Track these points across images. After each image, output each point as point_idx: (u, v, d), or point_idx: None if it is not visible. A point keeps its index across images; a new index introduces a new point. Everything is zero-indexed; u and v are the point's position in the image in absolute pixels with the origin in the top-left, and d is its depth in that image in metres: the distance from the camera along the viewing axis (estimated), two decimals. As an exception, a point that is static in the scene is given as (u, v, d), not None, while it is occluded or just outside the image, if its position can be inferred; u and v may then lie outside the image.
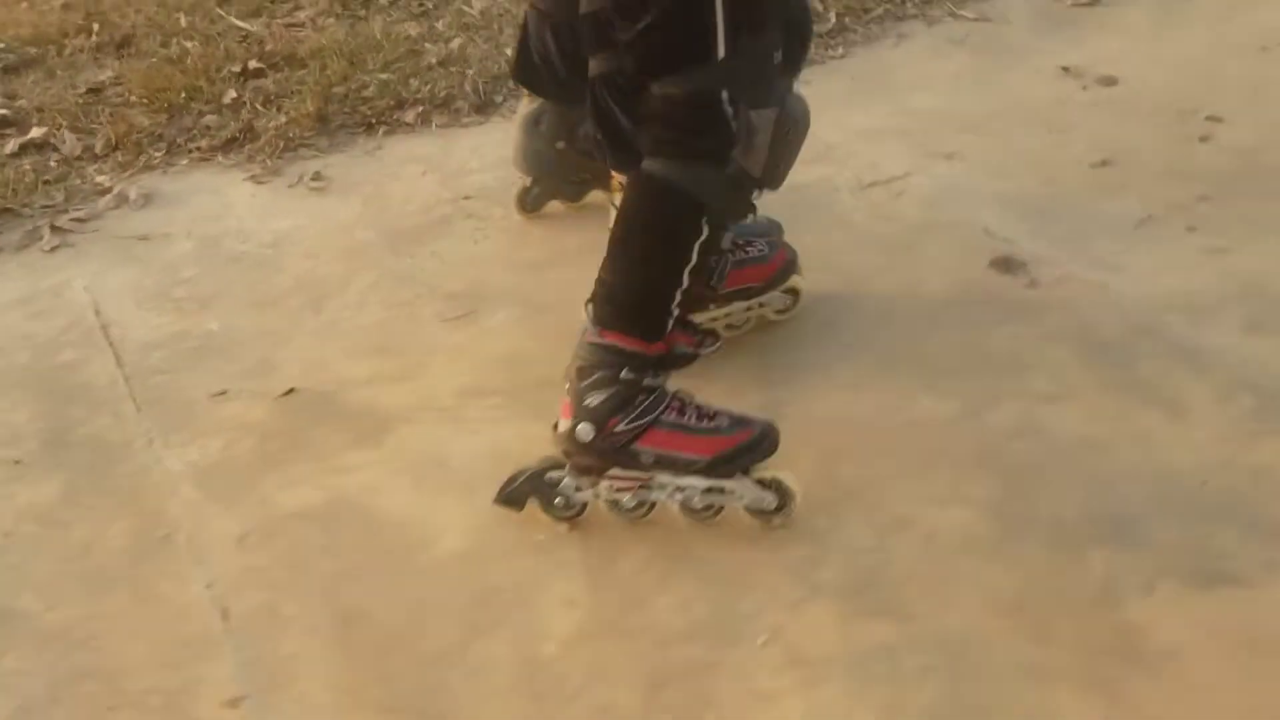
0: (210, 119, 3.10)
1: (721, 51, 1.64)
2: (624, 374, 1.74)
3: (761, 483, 1.77)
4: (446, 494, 1.90)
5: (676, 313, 1.77)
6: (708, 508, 1.79)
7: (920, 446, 1.95)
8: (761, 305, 2.20)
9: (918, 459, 1.92)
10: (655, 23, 1.66)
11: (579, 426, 1.74)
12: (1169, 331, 2.16)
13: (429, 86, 3.17)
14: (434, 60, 3.30)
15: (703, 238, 1.73)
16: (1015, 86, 3.07)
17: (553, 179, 2.52)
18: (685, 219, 1.72)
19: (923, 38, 3.33)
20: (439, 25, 3.53)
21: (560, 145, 2.39)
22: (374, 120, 3.06)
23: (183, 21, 3.61)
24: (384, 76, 3.22)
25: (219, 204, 2.78)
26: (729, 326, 2.18)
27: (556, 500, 1.80)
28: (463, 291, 2.40)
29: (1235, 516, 1.77)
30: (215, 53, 3.39)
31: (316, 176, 2.85)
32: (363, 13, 3.65)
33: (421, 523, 1.86)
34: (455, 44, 3.40)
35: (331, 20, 3.60)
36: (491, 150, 2.91)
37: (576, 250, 2.49)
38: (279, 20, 3.64)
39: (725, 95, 1.66)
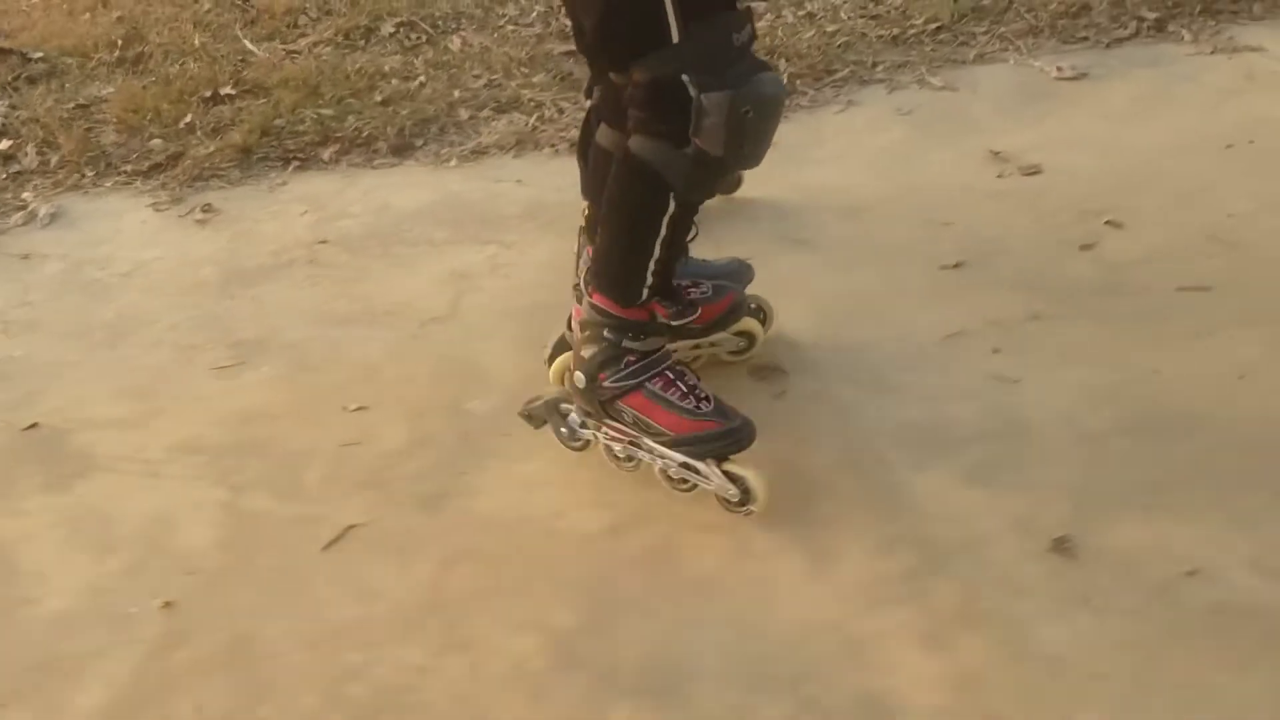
0: (155, 142, 3.27)
1: (676, 36, 1.71)
2: (606, 333, 1.91)
3: (729, 474, 1.86)
4: (83, 553, 1.97)
5: (652, 281, 1.90)
6: (682, 480, 1.91)
7: (540, 561, 1.87)
8: (712, 345, 2.22)
9: (524, 574, 1.84)
10: (608, 11, 1.76)
11: (576, 374, 1.95)
12: (882, 466, 1.98)
13: (361, 124, 3.24)
14: (380, 98, 3.37)
15: (669, 213, 1.85)
16: (930, 168, 2.86)
17: None
18: (653, 194, 1.84)
19: (873, 106, 3.15)
20: (417, 62, 3.60)
21: None
22: (293, 155, 3.16)
23: (197, 41, 3.81)
24: (325, 111, 3.31)
25: (110, 229, 2.94)
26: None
27: (563, 430, 2.01)
28: (249, 340, 2.46)
29: (796, 692, 1.62)
30: (202, 75, 3.56)
31: (207, 208, 2.97)
32: (361, 43, 3.76)
33: (40, 578, 1.92)
34: (414, 83, 3.46)
35: (328, 49, 3.72)
36: (382, 194, 2.96)
37: (385, 310, 2.53)
38: (283, 46, 3.79)
39: (687, 78, 1.72)
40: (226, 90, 3.48)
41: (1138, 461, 1.94)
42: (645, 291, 1.91)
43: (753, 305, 2.26)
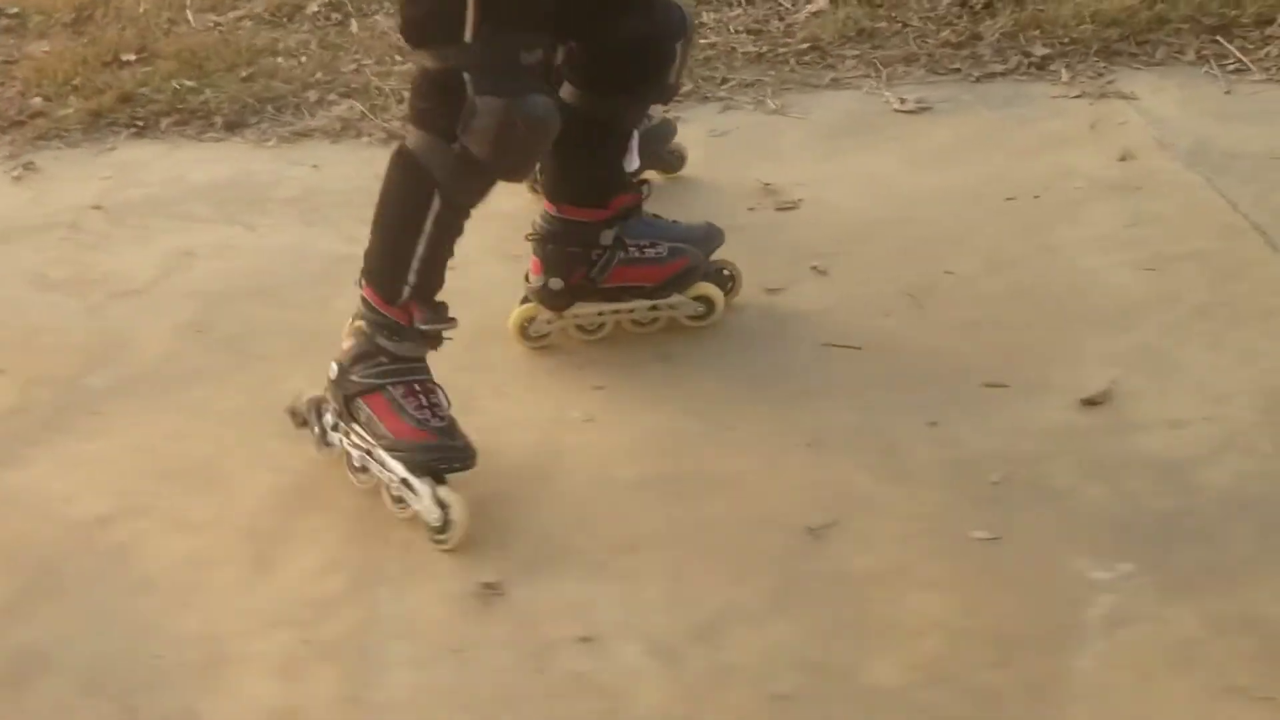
0: (35, 100, 3.46)
1: (468, 36, 1.75)
2: (365, 327, 1.92)
3: (439, 499, 1.82)
4: None
5: (414, 280, 1.89)
6: (400, 501, 1.88)
7: (13, 538, 1.92)
8: (672, 308, 2.25)
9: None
10: None
11: (332, 363, 1.94)
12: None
13: (210, 98, 3.34)
14: (245, 74, 3.47)
15: (434, 210, 1.85)
16: (691, 193, 2.76)
17: None
18: (418, 189, 1.85)
19: (692, 125, 3.03)
20: (313, 42, 3.68)
21: None
22: (135, 122, 3.29)
23: (141, 8, 3.99)
24: (187, 83, 3.43)
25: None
26: (634, 323, 2.26)
27: (315, 429, 2.00)
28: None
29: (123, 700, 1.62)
30: (123, 41, 3.74)
31: (28, 166, 3.14)
32: (284, 21, 3.87)
33: None
34: (291, 61, 3.54)
35: (249, 24, 3.85)
36: (185, 167, 3.07)
37: (90, 279, 2.63)
38: (214, 17, 3.93)
39: (468, 77, 1.77)
40: (128, 56, 3.64)
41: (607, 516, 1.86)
42: (406, 290, 1.90)
43: (724, 271, 2.31)
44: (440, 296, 1.94)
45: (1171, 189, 2.63)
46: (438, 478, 1.85)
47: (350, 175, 2.92)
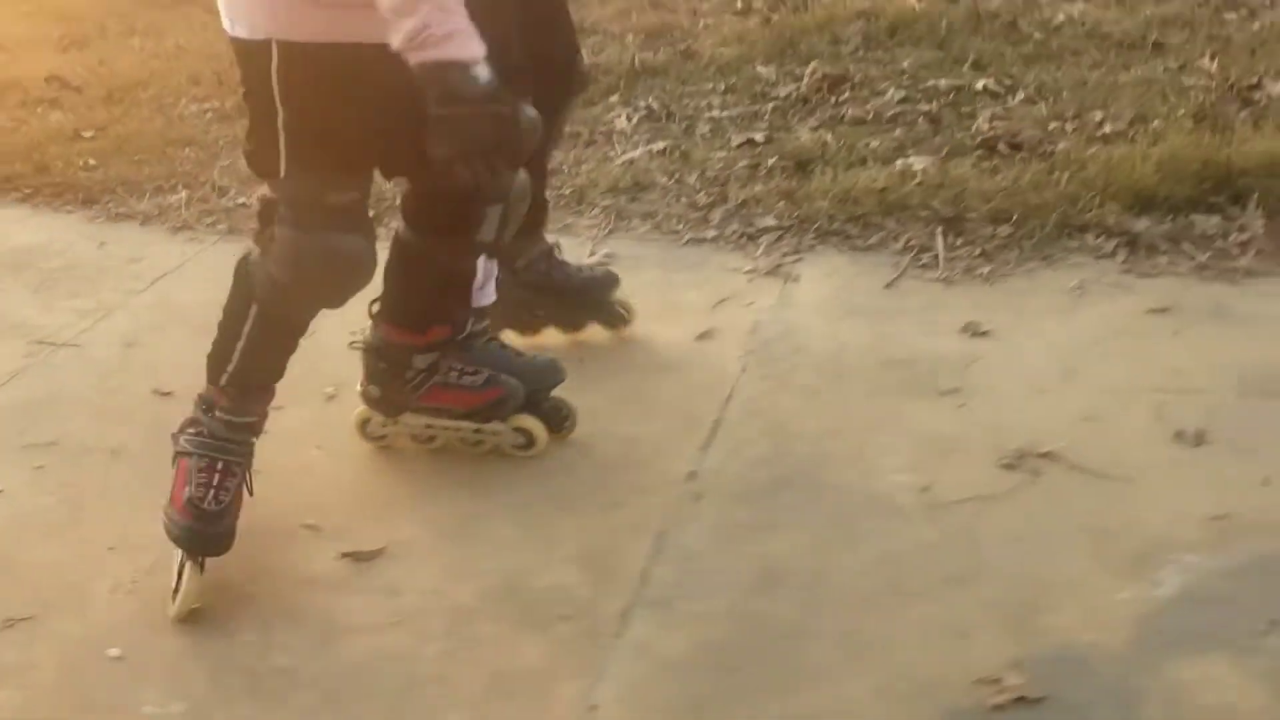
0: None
1: (283, 171, 2.02)
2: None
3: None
4: None
5: (231, 370, 2.12)
6: (478, 443, 2.40)
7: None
8: (496, 434, 2.41)
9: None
10: (249, 131, 2.08)
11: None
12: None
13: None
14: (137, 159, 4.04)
15: (251, 318, 2.11)
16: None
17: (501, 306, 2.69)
18: (240, 296, 2.12)
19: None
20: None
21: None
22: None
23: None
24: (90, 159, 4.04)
25: None
26: (461, 441, 2.44)
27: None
28: None
29: None
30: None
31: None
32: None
33: None
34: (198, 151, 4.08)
35: (209, 115, 4.44)
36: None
37: None
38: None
39: (281, 209, 2.04)
40: (87, 134, 4.32)
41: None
42: (224, 377, 2.13)
43: (556, 408, 2.45)
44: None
45: (693, 370, 2.65)
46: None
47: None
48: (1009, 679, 1.75)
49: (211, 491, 2.07)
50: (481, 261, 2.46)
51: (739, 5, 4.89)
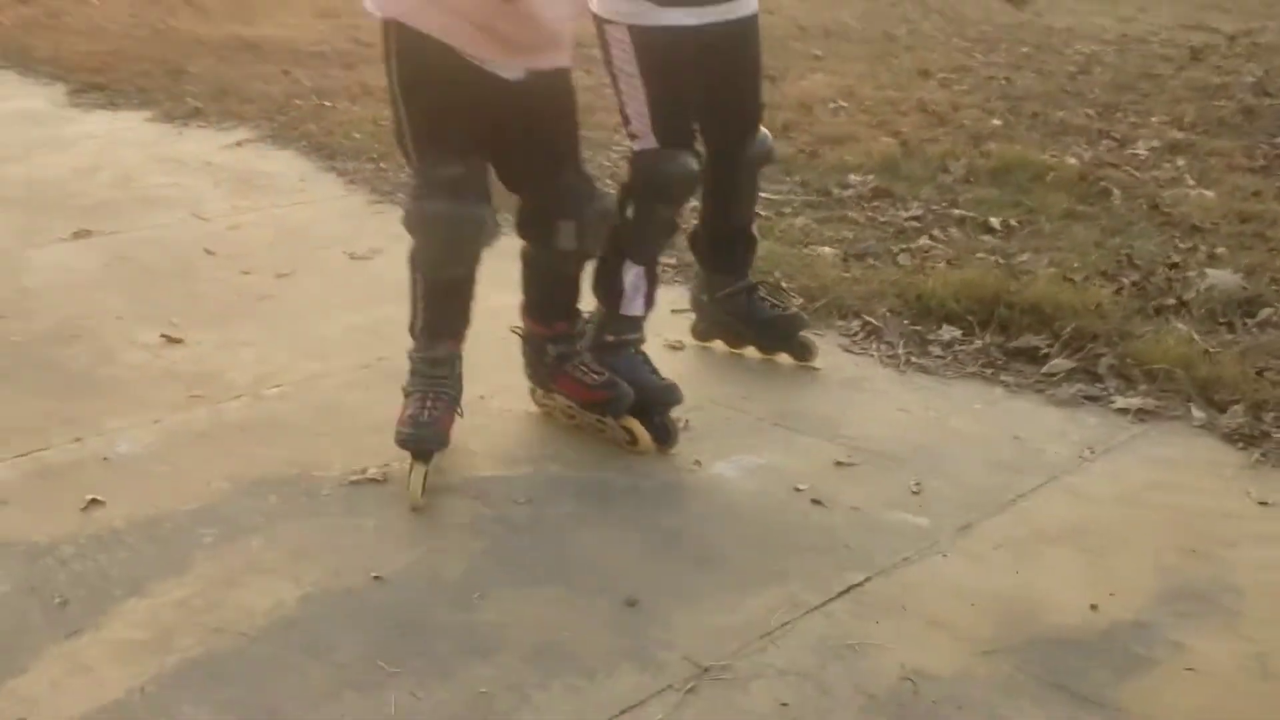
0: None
1: (403, 144, 2.60)
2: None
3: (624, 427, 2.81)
4: None
5: (416, 320, 2.68)
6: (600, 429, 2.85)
7: None
8: (609, 427, 2.84)
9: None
10: (394, 128, 2.62)
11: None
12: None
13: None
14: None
15: (414, 283, 2.66)
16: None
17: (704, 321, 3.37)
18: (408, 261, 2.67)
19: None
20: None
21: (704, 297, 3.34)
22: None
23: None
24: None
25: None
26: (591, 425, 2.87)
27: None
28: None
29: None
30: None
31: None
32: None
33: None
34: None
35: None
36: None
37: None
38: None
39: (407, 179, 2.72)
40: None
41: None
42: (415, 326, 2.69)
43: (664, 424, 2.83)
44: None
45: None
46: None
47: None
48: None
49: (426, 410, 2.61)
50: (630, 278, 2.94)
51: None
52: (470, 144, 2.52)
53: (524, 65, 2.55)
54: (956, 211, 4.42)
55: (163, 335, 3.35)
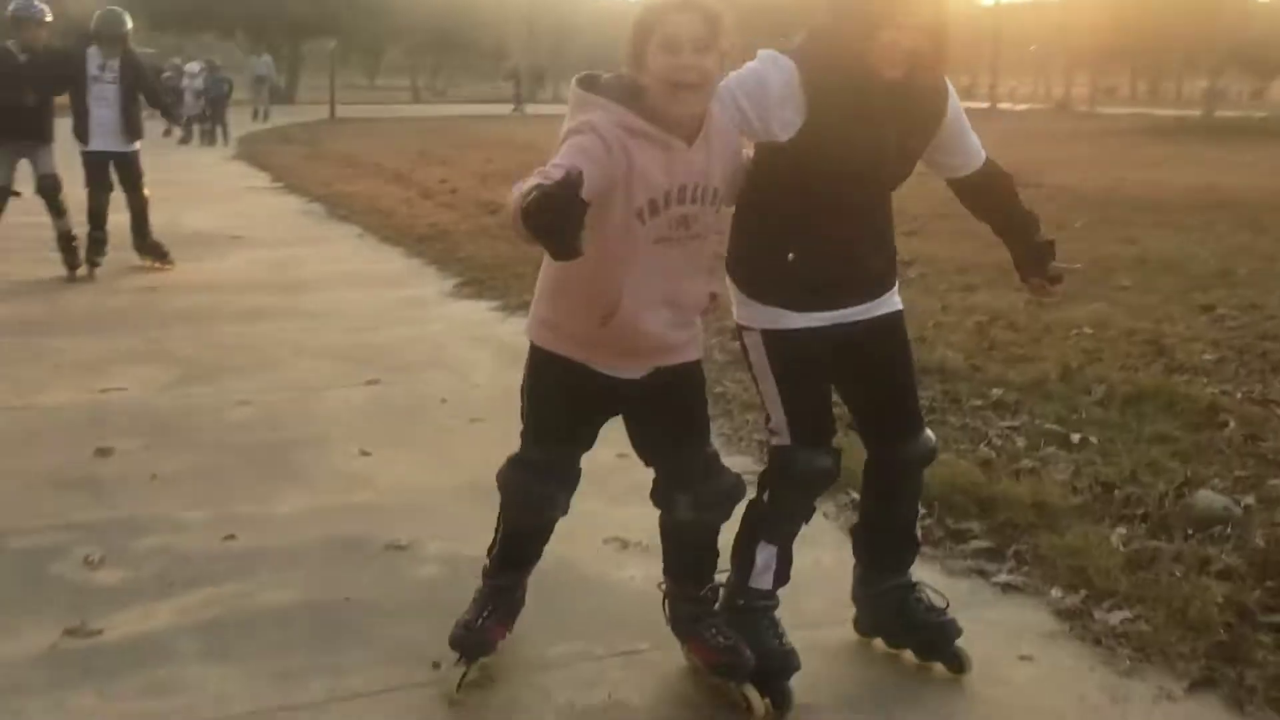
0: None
1: (522, 437, 3.03)
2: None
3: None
4: None
5: (493, 549, 3.16)
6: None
7: None
8: (729, 691, 2.98)
9: None
10: None
11: None
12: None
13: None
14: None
15: (499, 517, 3.12)
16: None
17: (863, 616, 3.33)
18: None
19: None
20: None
21: (861, 591, 3.31)
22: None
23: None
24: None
25: None
26: (713, 684, 3.03)
27: None
28: None
29: None
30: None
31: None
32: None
33: None
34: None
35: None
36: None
37: None
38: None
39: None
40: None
41: None
42: (491, 550, 3.17)
43: (782, 691, 2.96)
44: None
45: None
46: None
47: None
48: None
49: (480, 619, 3.07)
50: (762, 555, 3.06)
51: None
52: (567, 436, 2.98)
53: (643, 366, 2.89)
54: (1049, 425, 4.94)
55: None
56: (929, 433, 3.19)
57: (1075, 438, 4.80)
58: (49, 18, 7.91)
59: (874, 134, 2.80)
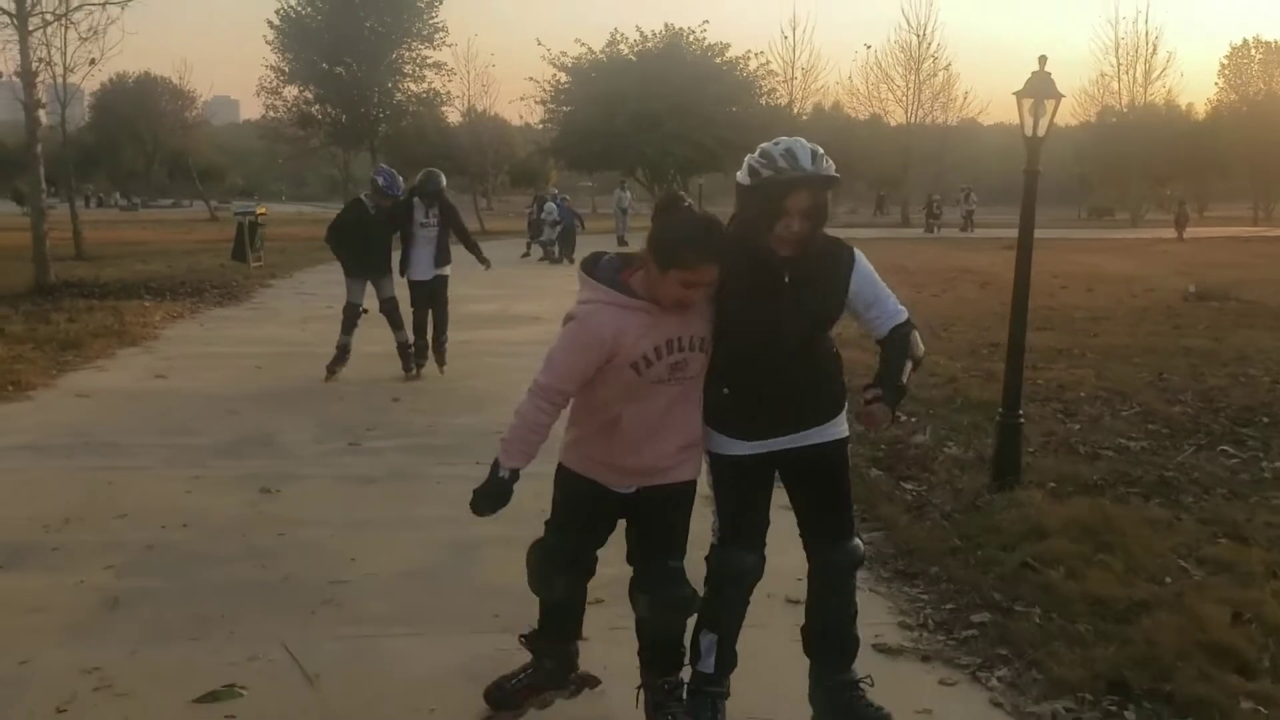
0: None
1: (547, 524, 3.73)
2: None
3: None
4: None
5: (536, 625, 3.79)
6: None
7: None
8: None
9: None
10: None
11: None
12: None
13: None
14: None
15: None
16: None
17: (817, 714, 3.81)
18: None
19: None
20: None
21: (814, 689, 3.82)
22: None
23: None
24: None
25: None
26: None
27: None
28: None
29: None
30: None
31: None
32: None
33: None
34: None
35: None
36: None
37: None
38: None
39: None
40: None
41: None
42: (533, 627, 3.82)
43: None
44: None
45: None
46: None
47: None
48: None
49: (515, 679, 3.74)
50: (705, 641, 3.65)
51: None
52: (580, 530, 3.61)
53: (633, 484, 3.55)
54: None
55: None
56: (857, 541, 3.72)
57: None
58: (400, 194, 10.14)
59: (769, 305, 3.44)
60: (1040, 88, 6.09)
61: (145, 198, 77.04)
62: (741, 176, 3.43)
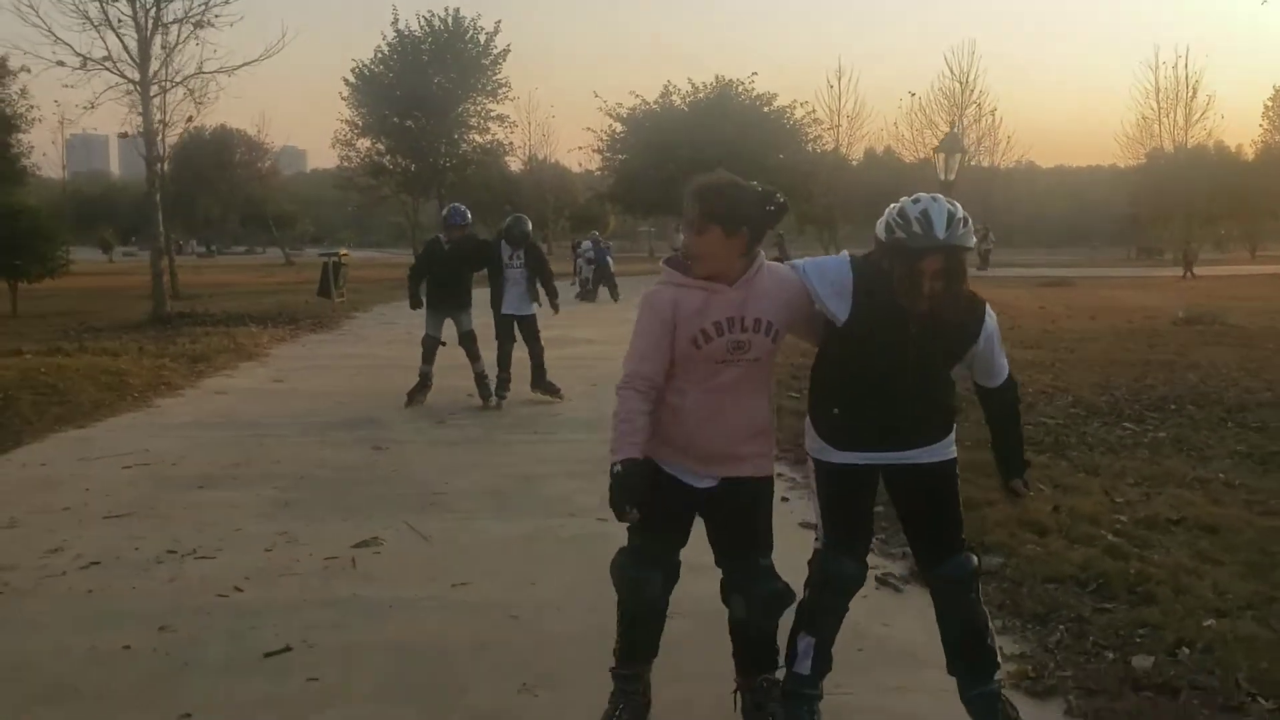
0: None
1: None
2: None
3: None
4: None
5: (616, 645, 3.74)
6: None
7: None
8: None
9: None
10: None
11: None
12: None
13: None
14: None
15: (618, 611, 3.68)
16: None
17: None
18: None
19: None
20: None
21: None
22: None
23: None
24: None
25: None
26: None
27: None
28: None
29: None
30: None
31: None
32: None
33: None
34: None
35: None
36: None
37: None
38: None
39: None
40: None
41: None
42: (615, 645, 3.76)
43: None
44: None
45: None
46: None
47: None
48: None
49: (615, 713, 3.64)
50: (802, 645, 3.62)
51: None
52: (661, 527, 3.53)
53: (713, 476, 3.57)
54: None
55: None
56: (968, 554, 3.70)
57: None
58: (469, 221, 10.90)
59: (895, 341, 3.50)
60: (950, 145, 8.17)
61: (220, 245, 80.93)
62: (879, 230, 3.49)
